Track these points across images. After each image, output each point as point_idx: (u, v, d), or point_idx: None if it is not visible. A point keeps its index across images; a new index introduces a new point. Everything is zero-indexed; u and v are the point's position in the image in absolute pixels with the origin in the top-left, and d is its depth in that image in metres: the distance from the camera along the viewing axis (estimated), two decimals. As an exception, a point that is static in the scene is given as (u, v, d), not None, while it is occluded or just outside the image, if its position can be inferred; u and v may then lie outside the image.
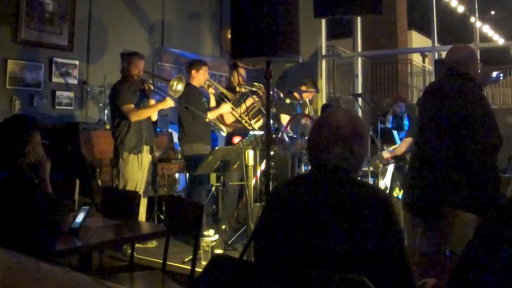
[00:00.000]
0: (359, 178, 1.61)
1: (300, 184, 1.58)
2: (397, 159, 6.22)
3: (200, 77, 4.73)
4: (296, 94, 5.55)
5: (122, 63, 4.39)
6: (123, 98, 4.18)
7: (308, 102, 5.54)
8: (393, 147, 5.99)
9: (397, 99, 6.71)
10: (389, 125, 6.26)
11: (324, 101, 7.41)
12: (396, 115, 6.47)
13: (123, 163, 4.21)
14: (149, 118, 4.39)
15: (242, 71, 4.82)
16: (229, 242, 4.17)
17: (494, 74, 2.91)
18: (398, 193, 6.24)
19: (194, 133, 4.59)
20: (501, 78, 2.97)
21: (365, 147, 1.56)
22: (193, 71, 4.72)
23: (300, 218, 1.45)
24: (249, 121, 4.64)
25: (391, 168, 6.25)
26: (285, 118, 5.24)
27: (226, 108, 4.75)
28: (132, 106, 4.19)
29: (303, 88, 5.62)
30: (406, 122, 6.45)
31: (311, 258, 1.39)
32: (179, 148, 4.89)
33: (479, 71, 2.77)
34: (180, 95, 4.42)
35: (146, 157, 4.35)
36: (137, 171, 4.24)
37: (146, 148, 4.34)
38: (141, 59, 4.40)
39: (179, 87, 4.41)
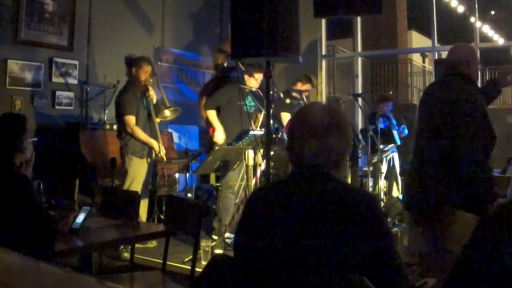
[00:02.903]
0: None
1: (281, 185, 1.49)
2: None
3: (250, 82, 4.65)
4: (296, 94, 5.55)
5: (128, 68, 4.30)
6: (127, 108, 4.15)
7: (306, 100, 5.54)
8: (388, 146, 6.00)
9: (383, 98, 6.71)
10: (381, 125, 6.23)
11: (324, 101, 7.41)
12: (383, 114, 6.47)
13: (129, 162, 4.21)
14: (153, 122, 4.35)
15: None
16: (229, 242, 4.17)
17: (510, 77, 2.87)
18: (397, 192, 6.25)
19: (226, 132, 4.58)
20: None
21: (344, 140, 1.43)
22: (245, 76, 4.62)
23: (279, 223, 1.36)
24: None
25: (384, 168, 6.25)
26: (285, 116, 5.23)
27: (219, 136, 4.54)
28: (133, 118, 4.16)
29: (299, 84, 5.60)
30: (393, 122, 6.47)
31: (291, 264, 1.31)
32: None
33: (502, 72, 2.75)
34: (222, 91, 4.52)
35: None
36: (142, 169, 4.25)
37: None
38: (150, 64, 4.33)
39: (167, 113, 4.46)
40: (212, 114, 4.55)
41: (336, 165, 1.44)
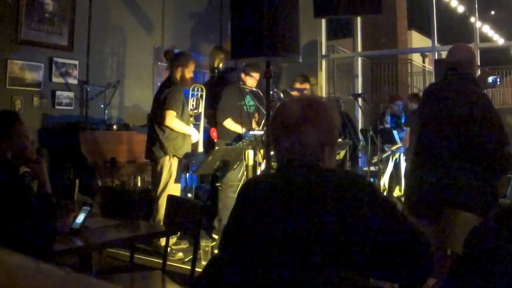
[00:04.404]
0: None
1: (266, 180, 1.50)
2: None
3: (248, 81, 4.66)
4: (296, 93, 5.57)
5: (173, 64, 4.19)
6: (172, 102, 3.99)
7: None
8: (395, 146, 6.00)
9: (393, 98, 6.73)
10: (387, 125, 6.26)
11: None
12: (394, 114, 6.48)
13: (166, 161, 4.08)
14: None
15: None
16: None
17: (491, 79, 2.90)
18: (398, 193, 6.25)
19: (225, 133, 4.58)
20: (498, 83, 2.98)
21: (320, 131, 1.39)
22: (242, 75, 4.63)
23: (269, 218, 1.35)
24: None
25: (390, 168, 6.26)
26: None
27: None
28: (175, 113, 4.02)
29: (297, 85, 5.65)
30: (403, 121, 6.46)
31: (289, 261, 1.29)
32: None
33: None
34: (226, 97, 4.50)
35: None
36: (176, 168, 4.17)
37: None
38: (195, 61, 4.24)
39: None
40: (229, 123, 4.55)
41: (319, 157, 1.40)
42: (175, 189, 4.11)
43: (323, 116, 1.40)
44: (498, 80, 2.94)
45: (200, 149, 4.33)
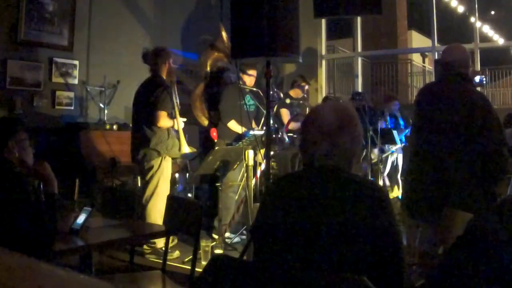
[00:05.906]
0: (354, 174, 1.51)
1: (293, 181, 1.55)
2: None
3: (246, 80, 4.67)
4: (298, 91, 5.64)
5: (159, 60, 4.09)
6: (163, 103, 3.93)
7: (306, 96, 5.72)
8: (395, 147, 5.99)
9: (390, 98, 6.73)
10: (388, 124, 6.25)
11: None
12: (391, 114, 6.47)
13: (165, 164, 4.00)
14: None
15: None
16: (229, 242, 4.17)
17: (477, 78, 2.93)
18: (397, 193, 6.25)
19: (225, 133, 4.59)
20: (484, 82, 3.04)
21: (355, 140, 1.47)
22: (240, 74, 4.61)
23: (292, 217, 1.41)
24: None
25: (387, 168, 6.25)
26: (284, 113, 5.30)
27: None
28: (166, 114, 3.97)
29: (297, 84, 5.75)
30: (401, 122, 6.45)
31: (305, 256, 1.35)
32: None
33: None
34: (227, 98, 4.52)
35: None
36: (170, 167, 4.09)
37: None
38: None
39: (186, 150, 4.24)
40: (233, 125, 4.54)
41: (348, 163, 1.47)
42: (167, 190, 4.05)
43: (355, 123, 1.49)
44: (484, 80, 2.98)
45: (185, 150, 4.19)
